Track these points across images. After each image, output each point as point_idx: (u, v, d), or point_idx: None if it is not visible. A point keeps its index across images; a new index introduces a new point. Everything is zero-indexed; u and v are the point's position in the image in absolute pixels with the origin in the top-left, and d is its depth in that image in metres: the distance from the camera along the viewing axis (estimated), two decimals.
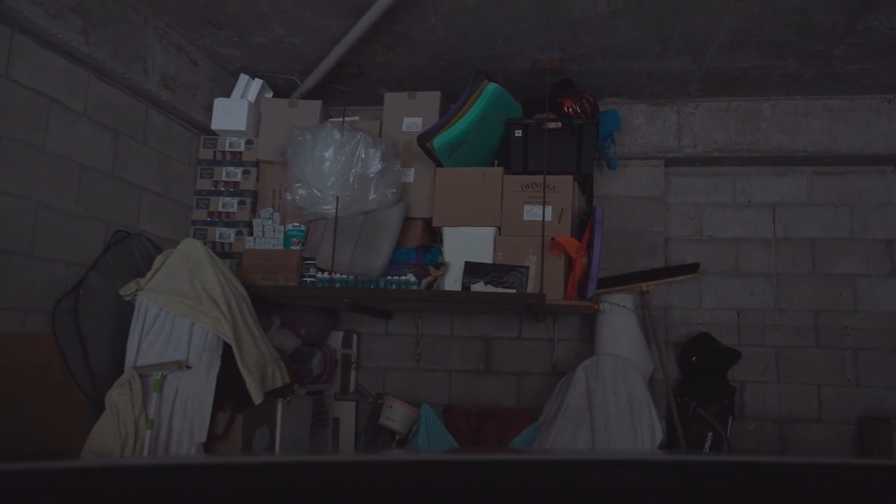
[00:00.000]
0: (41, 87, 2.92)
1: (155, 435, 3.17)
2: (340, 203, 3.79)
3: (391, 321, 4.64)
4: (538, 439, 3.89)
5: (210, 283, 3.47)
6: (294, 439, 3.86)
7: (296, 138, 3.84)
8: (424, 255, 3.80)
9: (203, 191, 4.08)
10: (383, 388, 4.59)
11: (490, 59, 3.80)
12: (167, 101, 3.66)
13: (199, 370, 3.31)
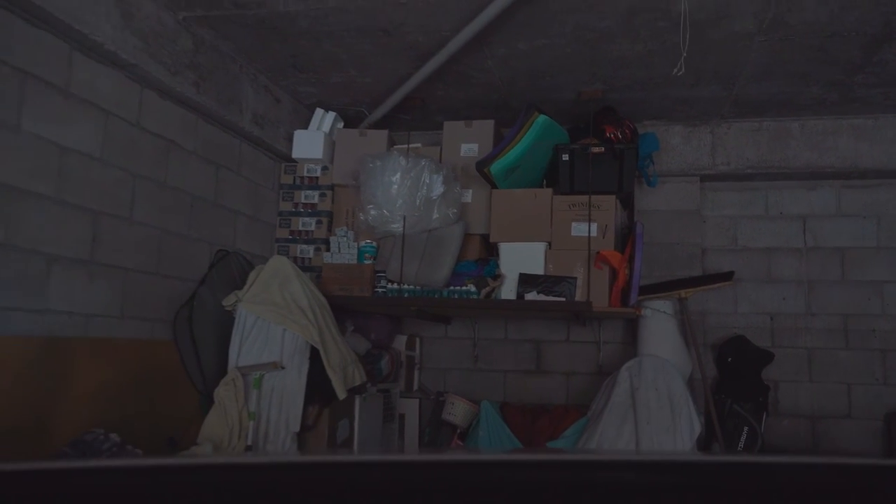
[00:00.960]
0: (163, 132, 3.48)
1: (256, 425, 3.70)
2: (407, 222, 4.28)
3: (450, 326, 5.12)
4: (586, 432, 4.31)
5: (297, 294, 4.00)
6: (368, 431, 4.37)
7: (367, 165, 4.35)
8: (483, 267, 4.27)
9: (285, 212, 4.63)
10: (444, 386, 5.07)
11: (538, 91, 4.26)
12: (257, 136, 4.21)
13: (291, 370, 3.84)
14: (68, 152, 2.89)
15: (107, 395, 3.07)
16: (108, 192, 3.12)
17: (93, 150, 3.03)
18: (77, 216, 2.94)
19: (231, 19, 3.47)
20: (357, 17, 3.39)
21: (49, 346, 2.78)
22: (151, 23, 3.24)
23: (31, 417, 2.70)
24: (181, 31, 3.45)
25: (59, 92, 2.85)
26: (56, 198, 2.83)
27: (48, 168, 2.79)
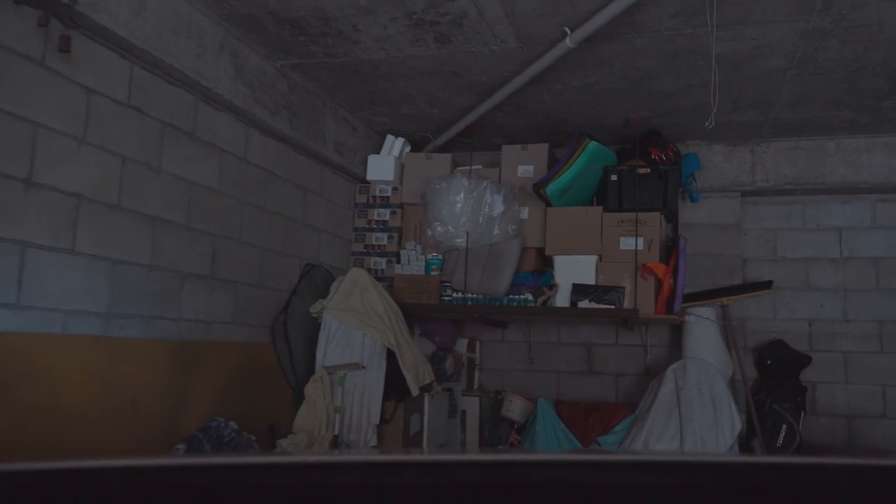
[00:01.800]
0: (263, 163, 4.05)
1: (341, 418, 4.24)
2: (470, 237, 4.77)
3: (507, 330, 5.58)
4: (635, 428, 4.73)
5: (374, 302, 4.53)
6: (436, 425, 4.87)
7: (434, 186, 4.86)
8: (539, 278, 4.73)
9: (360, 228, 5.16)
10: (501, 385, 5.54)
11: (589, 117, 4.70)
12: (337, 162, 4.75)
13: (371, 370, 4.36)
14: (194, 186, 3.47)
15: (223, 389, 3.64)
16: (224, 217, 3.69)
17: (212, 183, 3.60)
18: (201, 239, 3.52)
19: (321, 65, 4.02)
20: (430, 63, 3.90)
21: (182, 347, 3.36)
22: (256, 72, 3.80)
23: (171, 405, 3.27)
24: (278, 77, 4.01)
25: (188, 136, 3.42)
26: (186, 225, 3.41)
27: (181, 200, 3.37)
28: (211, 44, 3.43)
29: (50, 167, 2.66)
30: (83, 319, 2.80)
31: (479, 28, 3.45)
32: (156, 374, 3.17)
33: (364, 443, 4.28)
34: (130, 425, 3.01)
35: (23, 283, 2.55)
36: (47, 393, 2.62)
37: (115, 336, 2.95)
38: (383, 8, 3.29)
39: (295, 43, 3.71)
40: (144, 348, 3.11)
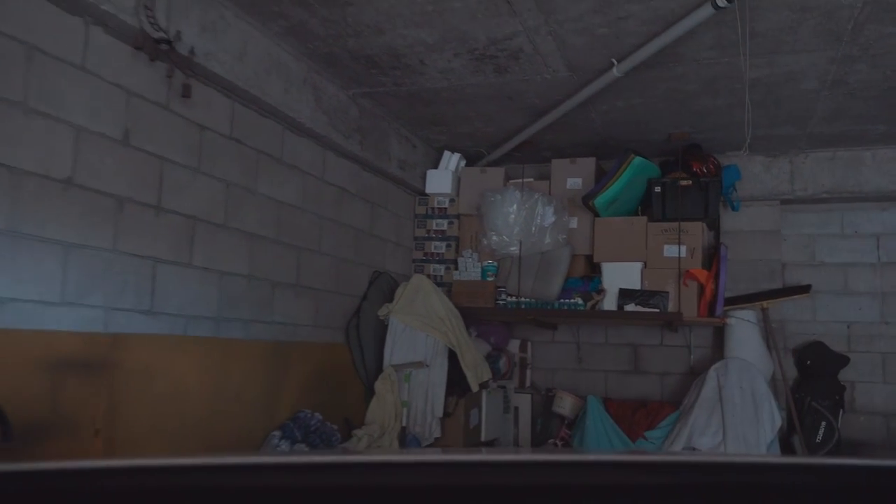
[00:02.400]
0: (338, 182, 4.50)
1: (408, 411, 4.67)
2: (523, 245, 5.16)
3: (556, 332, 5.95)
4: (679, 423, 5.05)
5: (435, 306, 4.95)
6: (493, 419, 5.27)
7: (488, 199, 5.26)
8: (588, 283, 5.09)
9: (420, 237, 5.59)
10: (552, 383, 5.90)
11: (633, 133, 5.04)
12: (400, 177, 5.19)
13: (434, 368, 4.79)
14: (282, 205, 3.93)
15: (307, 384, 4.10)
16: (306, 232, 4.15)
17: (296, 202, 4.06)
18: (288, 252, 3.98)
19: (388, 93, 4.46)
20: (488, 90, 4.30)
21: (275, 347, 3.83)
22: (332, 101, 4.26)
23: (267, 398, 3.74)
24: (351, 104, 4.47)
25: (277, 161, 3.89)
26: (276, 239, 3.88)
27: (271, 218, 3.84)
28: (296, 79, 3.90)
29: (173, 194, 3.14)
30: (199, 323, 3.29)
31: (533, 60, 3.84)
32: (255, 371, 3.64)
33: (429, 434, 4.70)
34: (237, 414, 3.49)
35: (155, 292, 3.03)
36: (174, 385, 3.11)
37: (223, 337, 3.43)
38: (449, 45, 3.71)
39: (367, 75, 4.15)
40: (246, 348, 3.59)
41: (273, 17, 3.45)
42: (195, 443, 3.19)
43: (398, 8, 3.32)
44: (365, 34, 3.61)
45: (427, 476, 0.71)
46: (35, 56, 2.52)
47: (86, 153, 2.71)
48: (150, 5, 2.86)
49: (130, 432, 2.87)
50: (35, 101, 2.52)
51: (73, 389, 2.62)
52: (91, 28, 2.74)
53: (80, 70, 2.70)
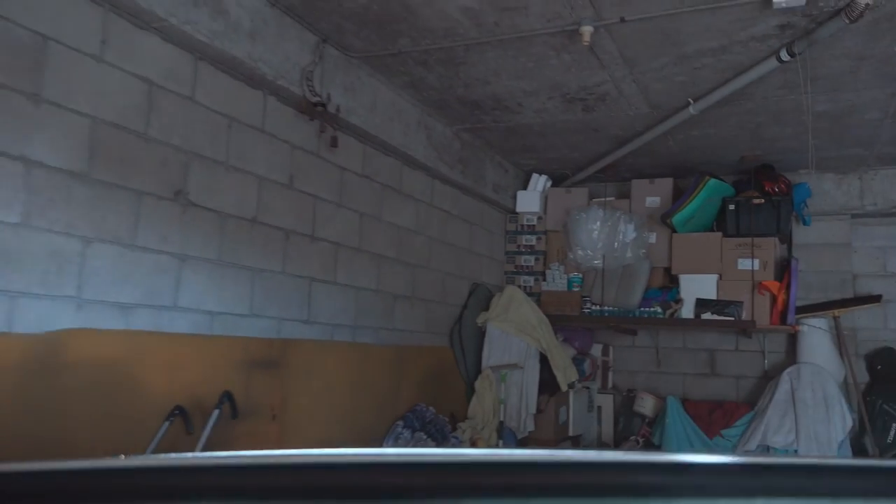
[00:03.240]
0: (444, 206, 5.17)
1: (505, 407, 5.28)
2: (606, 259, 5.70)
3: (636, 337, 6.44)
4: (754, 423, 5.48)
5: (527, 313, 5.55)
6: (578, 416, 5.83)
7: (574, 217, 5.83)
8: (667, 293, 5.59)
9: (510, 252, 6.21)
10: (632, 385, 6.40)
11: (708, 156, 5.51)
12: (493, 199, 5.82)
13: (527, 369, 5.39)
14: (400, 229, 4.62)
15: (421, 382, 4.77)
16: (418, 251, 4.83)
17: (410, 225, 4.75)
18: (405, 269, 4.67)
19: (487, 128, 5.09)
20: (576, 124, 4.88)
21: (396, 351, 4.52)
22: (440, 137, 4.93)
23: (391, 393, 4.43)
24: (454, 139, 5.13)
25: (396, 192, 4.59)
26: (396, 258, 4.57)
27: (392, 241, 4.53)
28: (412, 122, 4.58)
29: (323, 225, 3.87)
30: (341, 330, 4.00)
31: (618, 101, 4.40)
32: (382, 370, 4.34)
33: (523, 428, 5.30)
34: (370, 405, 4.19)
35: (311, 305, 3.76)
36: (325, 381, 3.82)
37: (359, 342, 4.13)
38: (544, 91, 4.31)
39: (471, 115, 4.80)
40: (376, 351, 4.29)
41: (398, 74, 4.14)
42: (341, 427, 3.90)
43: (503, 66, 3.95)
44: (473, 85, 4.26)
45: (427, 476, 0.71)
46: (233, 125, 3.27)
47: (265, 196, 3.46)
48: (309, 77, 3.58)
49: (296, 418, 3.60)
50: (234, 159, 3.27)
51: (259, 383, 3.36)
52: (268, 98, 3.48)
53: (260, 132, 3.44)
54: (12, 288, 2.34)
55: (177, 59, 2.97)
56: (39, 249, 2.43)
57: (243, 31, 3.16)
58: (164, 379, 2.88)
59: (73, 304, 2.55)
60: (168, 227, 2.93)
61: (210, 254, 3.14)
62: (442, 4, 3.27)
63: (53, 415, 2.47)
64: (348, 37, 3.67)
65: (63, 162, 2.51)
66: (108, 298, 2.67)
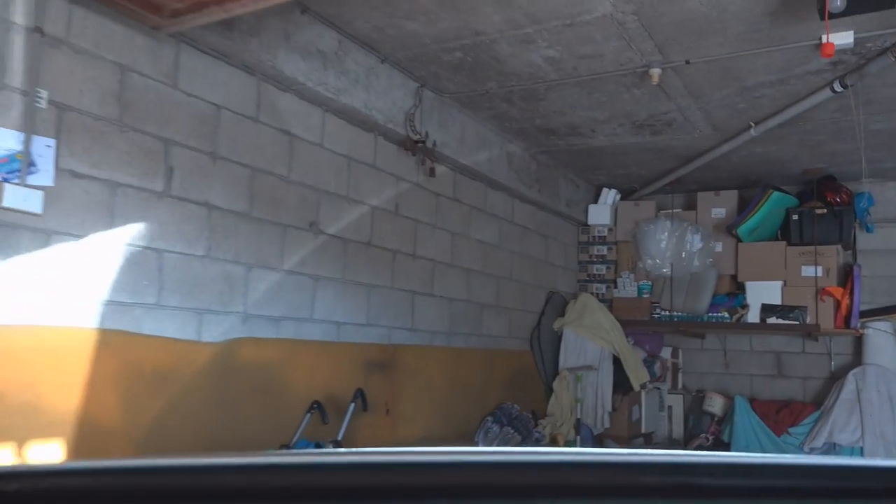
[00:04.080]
0: (522, 222, 5.68)
1: (581, 406, 5.75)
2: (674, 268, 6.10)
3: (705, 340, 6.80)
4: (820, 422, 5.79)
5: (600, 319, 6.00)
6: (650, 415, 6.24)
7: (643, 228, 6.24)
8: (733, 299, 5.95)
9: (583, 261, 6.66)
10: (701, 385, 6.75)
11: (771, 169, 5.84)
12: (566, 213, 6.30)
13: (601, 370, 5.85)
14: (486, 245, 5.16)
15: (506, 382, 5.29)
16: (501, 264, 5.36)
17: (494, 241, 5.28)
18: (490, 281, 5.20)
19: (561, 150, 5.58)
20: (644, 146, 5.32)
21: (484, 354, 5.05)
22: (519, 160, 5.44)
23: (481, 391, 4.97)
24: (531, 161, 5.64)
25: (482, 212, 5.13)
26: (482, 271, 5.10)
27: (479, 256, 5.07)
28: (496, 148, 5.11)
29: (422, 245, 4.44)
30: (438, 336, 4.56)
31: (683, 125, 4.83)
32: (473, 371, 4.88)
33: (600, 425, 5.76)
34: (463, 402, 4.74)
35: (414, 314, 4.33)
36: (426, 381, 4.39)
37: (453, 346, 4.69)
38: (616, 119, 4.77)
39: (547, 140, 5.30)
40: (467, 354, 4.84)
41: (484, 109, 4.68)
42: (440, 421, 4.46)
43: (579, 100, 4.43)
44: (550, 116, 4.76)
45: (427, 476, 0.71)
46: (351, 164, 3.87)
47: (376, 223, 4.05)
48: (411, 118, 4.16)
49: (404, 412, 4.17)
50: (352, 193, 3.87)
51: (375, 382, 3.94)
52: (378, 139, 4.07)
53: (372, 168, 4.04)
54: (200, 306, 2.98)
55: (310, 113, 3.59)
56: (217, 275, 3.07)
57: (360, 85, 3.76)
58: (305, 378, 3.49)
59: (240, 318, 3.18)
60: (305, 253, 3.54)
61: (336, 273, 3.75)
62: (528, 55, 3.79)
63: (229, 406, 3.10)
64: (444, 82, 4.23)
65: (232, 204, 3.15)
66: (264, 313, 3.30)
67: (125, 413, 2.68)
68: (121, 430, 2.66)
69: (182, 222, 2.92)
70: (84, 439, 2.50)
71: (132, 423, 2.70)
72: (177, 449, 2.81)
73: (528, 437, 5.02)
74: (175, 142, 2.90)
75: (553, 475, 0.71)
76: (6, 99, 2.32)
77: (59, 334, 2.48)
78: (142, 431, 2.73)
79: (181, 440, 2.85)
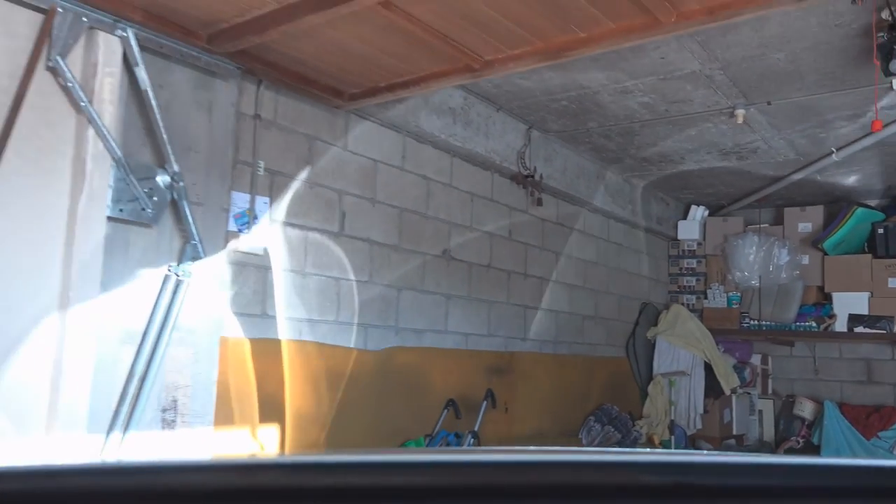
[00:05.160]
0: (620, 241, 6.24)
1: (675, 409, 6.24)
2: (762, 280, 6.50)
3: (794, 348, 7.13)
4: None
5: (691, 328, 6.48)
6: (740, 418, 6.65)
7: (731, 243, 6.68)
8: (820, 309, 6.31)
9: (673, 274, 7.14)
10: (791, 391, 7.09)
11: (854, 186, 6.17)
12: (657, 229, 6.80)
13: (693, 376, 6.32)
14: (585, 262, 5.76)
15: (604, 386, 5.86)
16: (600, 279, 5.94)
17: (593, 258, 5.87)
18: (589, 294, 5.80)
19: (652, 174, 6.11)
20: (730, 169, 5.79)
21: (584, 361, 5.65)
22: (613, 185, 6.01)
23: (582, 393, 5.57)
24: (624, 184, 6.19)
25: (581, 233, 5.73)
26: (582, 286, 5.70)
27: (578, 272, 5.67)
28: (592, 176, 5.71)
29: (532, 265, 5.09)
30: (546, 344, 5.20)
31: (768, 152, 5.29)
32: (576, 376, 5.49)
33: (692, 426, 6.23)
34: (567, 403, 5.35)
35: (525, 325, 4.99)
36: (536, 383, 5.03)
37: (558, 353, 5.31)
38: (703, 149, 5.29)
39: (640, 166, 5.86)
40: (570, 361, 5.45)
41: (583, 143, 5.29)
42: (549, 419, 5.09)
43: (670, 134, 4.99)
44: (644, 147, 5.32)
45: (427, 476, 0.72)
46: (474, 198, 4.57)
47: (495, 248, 4.73)
48: (521, 156, 4.82)
49: (519, 411, 4.83)
50: (475, 223, 4.57)
51: (496, 384, 4.62)
52: (494, 175, 4.76)
53: (490, 201, 4.72)
54: (365, 321, 3.74)
55: (442, 159, 4.31)
56: (377, 296, 3.82)
57: (481, 132, 4.45)
58: (441, 380, 4.21)
59: (393, 331, 3.92)
60: (439, 276, 4.26)
61: (463, 292, 4.45)
62: (626, 102, 4.39)
63: (386, 400, 3.84)
64: (549, 123, 4.88)
65: (386, 239, 3.90)
66: (410, 326, 4.03)
67: (315, 403, 3.45)
68: (313, 415, 3.43)
69: (352, 255, 3.68)
70: (293, 423, 3.29)
71: (320, 410, 3.48)
72: (351, 432, 3.57)
73: (627, 436, 5.58)
74: (345, 191, 3.68)
75: (553, 475, 0.71)
76: (241, 171, 3.14)
77: (273, 344, 3.27)
78: (327, 417, 3.50)
79: (353, 426, 3.60)
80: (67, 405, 2.41)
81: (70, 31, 2.43)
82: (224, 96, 3.04)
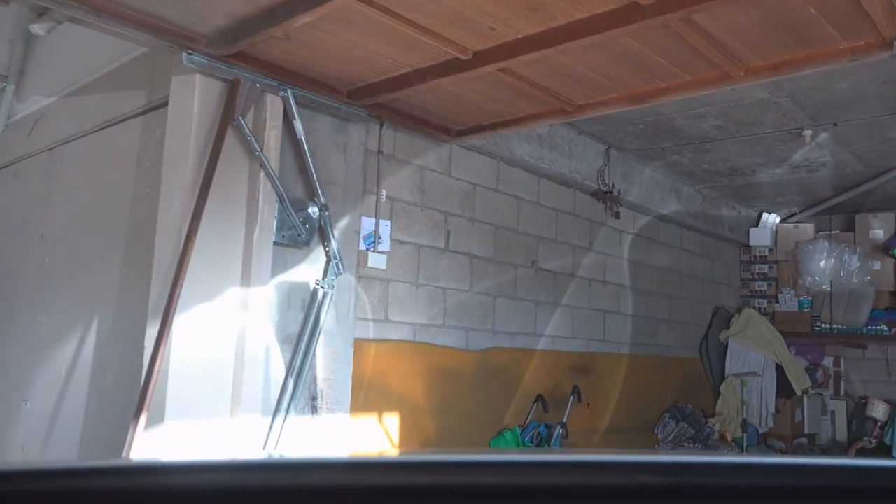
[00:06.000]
0: (690, 248, 6.61)
1: (746, 408, 6.56)
2: (833, 285, 6.75)
3: (866, 350, 7.31)
4: None
5: (763, 331, 6.79)
6: (812, 418, 6.91)
7: (802, 249, 6.94)
8: (892, 313, 6.52)
9: (745, 279, 7.44)
10: (864, 392, 7.28)
11: None
12: (729, 237, 7.12)
13: (765, 377, 6.63)
14: (660, 270, 6.16)
15: (678, 385, 6.25)
16: (672, 285, 6.33)
17: (667, 266, 6.26)
18: (663, 299, 6.19)
19: (722, 185, 6.45)
20: (799, 180, 6.09)
21: (661, 361, 6.05)
22: (685, 196, 6.39)
23: (657, 392, 5.98)
24: (696, 195, 6.56)
25: (656, 243, 6.13)
26: (657, 292, 6.11)
27: (655, 279, 6.07)
28: (665, 189, 6.11)
29: (610, 273, 5.54)
30: (623, 346, 5.64)
31: (836, 165, 5.58)
32: (651, 375, 5.91)
33: (764, 425, 6.55)
34: (642, 400, 5.78)
35: (605, 329, 5.45)
36: (615, 382, 5.48)
37: (634, 354, 5.75)
38: (773, 163, 5.62)
39: (711, 178, 6.22)
40: (646, 361, 5.87)
41: (657, 159, 5.71)
42: (626, 415, 5.53)
43: (741, 151, 5.35)
44: (715, 162, 5.70)
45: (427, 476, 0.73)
46: (558, 214, 5.07)
47: (577, 258, 5.21)
48: (601, 174, 5.29)
49: (599, 406, 5.29)
50: (559, 236, 5.06)
51: (578, 382, 5.09)
52: (576, 192, 5.24)
53: (572, 215, 5.21)
54: (467, 325, 4.29)
55: (530, 181, 4.83)
56: (476, 303, 4.37)
57: (565, 154, 4.94)
58: (531, 377, 4.72)
59: (490, 333, 4.46)
60: (529, 284, 4.78)
61: (550, 299, 4.95)
62: (699, 124, 4.80)
63: (485, 394, 4.38)
64: (626, 143, 5.32)
65: (484, 252, 4.44)
66: (504, 329, 4.56)
67: (427, 396, 4.02)
68: (426, 406, 4.01)
69: (455, 268, 4.24)
70: (409, 411, 3.87)
71: (431, 403, 4.05)
72: (456, 421, 4.12)
73: (700, 432, 5.96)
74: (450, 213, 4.24)
75: (553, 475, 0.72)
76: (369, 199, 3.73)
77: (393, 345, 3.86)
78: (437, 409, 4.07)
79: (457, 416, 4.16)
80: (248, 393, 3.04)
81: (248, 95, 3.06)
82: (356, 138, 3.64)
